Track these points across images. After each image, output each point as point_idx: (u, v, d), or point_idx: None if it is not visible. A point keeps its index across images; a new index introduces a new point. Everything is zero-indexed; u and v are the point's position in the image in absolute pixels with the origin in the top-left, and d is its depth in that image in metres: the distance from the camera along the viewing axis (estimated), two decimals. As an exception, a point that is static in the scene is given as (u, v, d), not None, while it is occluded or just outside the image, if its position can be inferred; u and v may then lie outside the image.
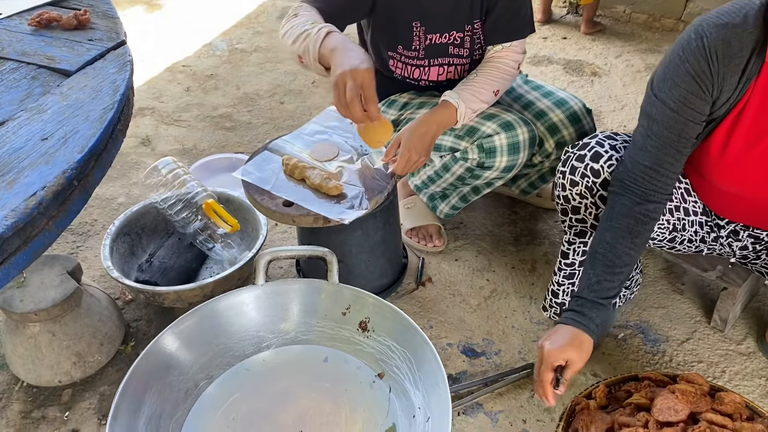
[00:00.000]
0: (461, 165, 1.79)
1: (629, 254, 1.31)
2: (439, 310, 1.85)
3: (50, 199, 1.05)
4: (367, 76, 1.29)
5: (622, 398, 1.37)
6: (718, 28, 1.15)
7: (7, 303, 1.55)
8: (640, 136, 1.27)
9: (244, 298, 1.31)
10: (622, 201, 1.31)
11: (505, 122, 1.70)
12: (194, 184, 1.89)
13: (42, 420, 1.59)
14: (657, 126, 1.24)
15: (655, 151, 1.26)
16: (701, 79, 1.18)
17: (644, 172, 1.28)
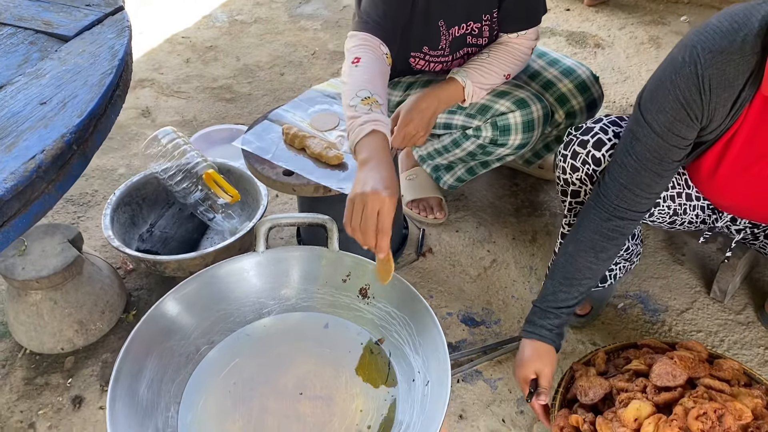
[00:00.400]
0: (473, 142, 1.77)
1: (590, 268, 1.32)
2: (439, 280, 1.86)
3: (49, 163, 1.05)
4: (387, 206, 1.14)
5: (621, 365, 1.38)
6: (713, 54, 1.07)
7: (8, 270, 1.56)
8: (622, 151, 1.23)
9: (244, 265, 1.31)
10: (592, 215, 1.29)
11: (519, 99, 1.68)
12: (194, 155, 1.88)
13: (45, 386, 1.60)
14: (639, 146, 1.19)
15: (633, 171, 1.22)
16: (690, 107, 1.13)
17: (619, 189, 1.24)
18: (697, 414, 1.13)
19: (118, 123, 2.47)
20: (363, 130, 1.27)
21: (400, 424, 1.12)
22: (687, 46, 1.11)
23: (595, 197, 1.29)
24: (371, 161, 1.22)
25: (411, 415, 1.12)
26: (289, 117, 1.75)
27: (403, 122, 1.60)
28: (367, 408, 1.16)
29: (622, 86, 2.61)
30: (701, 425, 1.12)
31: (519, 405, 1.53)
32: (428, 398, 1.11)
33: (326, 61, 2.89)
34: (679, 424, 1.14)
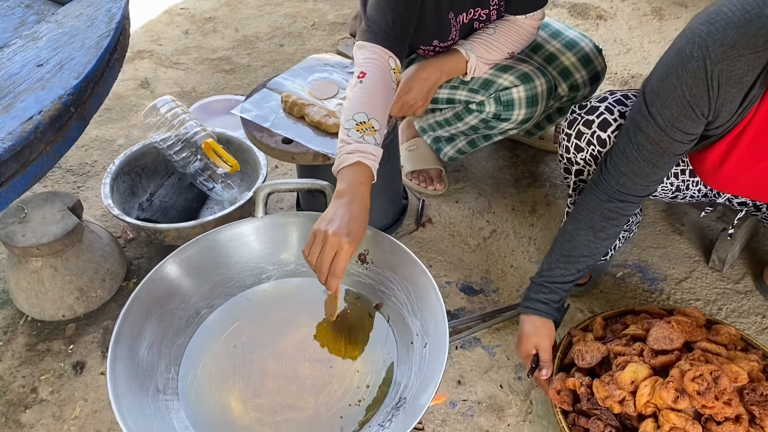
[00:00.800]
0: (476, 116, 1.75)
1: (588, 247, 1.33)
2: (438, 249, 1.86)
3: (47, 124, 1.05)
4: (344, 252, 1.15)
5: (619, 330, 1.39)
6: (724, 48, 1.03)
7: (9, 237, 1.56)
8: (624, 139, 1.22)
9: (244, 230, 1.32)
10: (592, 196, 1.30)
11: (523, 74, 1.66)
12: (193, 124, 1.88)
13: (47, 352, 1.61)
14: (642, 137, 1.18)
15: (634, 160, 1.21)
16: (697, 104, 1.10)
17: (619, 176, 1.25)
18: (693, 375, 1.14)
19: (117, 94, 2.48)
20: (348, 159, 1.25)
21: (398, 384, 1.14)
22: (695, 38, 1.05)
23: (596, 179, 1.29)
24: (346, 196, 1.20)
25: (409, 376, 1.13)
26: (288, 85, 1.74)
27: (403, 90, 1.59)
28: (366, 370, 1.17)
29: (624, 58, 2.59)
30: (697, 386, 1.13)
31: (517, 371, 1.55)
32: (426, 360, 1.11)
33: (326, 32, 2.87)
34: (675, 385, 1.15)
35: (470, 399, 1.49)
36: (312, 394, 1.13)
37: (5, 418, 1.48)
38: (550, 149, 2.15)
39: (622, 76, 2.50)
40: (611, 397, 1.21)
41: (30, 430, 1.46)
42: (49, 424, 1.47)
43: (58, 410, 1.50)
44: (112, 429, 1.46)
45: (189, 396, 1.14)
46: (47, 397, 1.52)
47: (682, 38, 1.09)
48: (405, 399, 1.09)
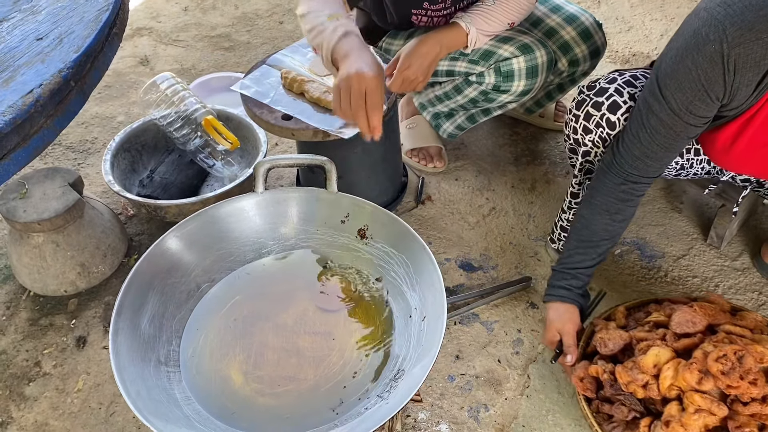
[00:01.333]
0: (475, 88, 1.75)
1: (606, 230, 1.33)
2: (438, 227, 1.87)
3: (47, 97, 1.05)
4: (373, 83, 1.19)
5: (642, 319, 1.36)
6: (742, 32, 1.01)
7: (10, 213, 1.57)
8: (636, 122, 1.22)
9: (244, 205, 1.32)
10: (605, 179, 1.30)
11: (523, 45, 1.66)
12: (193, 101, 1.88)
13: (49, 327, 1.63)
14: (655, 120, 1.17)
15: (647, 144, 1.22)
16: (712, 89, 1.09)
17: (633, 160, 1.25)
18: (717, 356, 1.12)
19: (116, 71, 2.47)
20: (335, 34, 1.27)
21: (397, 357, 1.15)
22: (711, 20, 1.03)
23: (609, 163, 1.29)
24: (351, 54, 1.23)
25: (407, 349, 1.14)
26: (287, 61, 1.74)
27: (403, 66, 1.58)
28: (365, 343, 1.19)
29: (626, 36, 2.58)
30: (721, 366, 1.11)
31: (514, 346, 1.56)
32: (424, 333, 1.13)
33: (326, 10, 2.84)
34: (698, 366, 1.13)
35: (468, 373, 1.51)
36: (312, 366, 1.15)
37: (9, 391, 1.50)
38: (550, 127, 2.15)
39: (623, 54, 2.49)
40: (634, 381, 1.19)
41: (34, 402, 1.48)
42: (52, 396, 1.49)
43: (62, 383, 1.52)
44: (115, 402, 1.48)
45: (190, 368, 1.15)
46: (50, 370, 1.54)
47: (697, 19, 1.07)
48: (403, 371, 1.10)
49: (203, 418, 1.07)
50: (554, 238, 1.70)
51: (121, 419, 1.45)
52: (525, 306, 1.65)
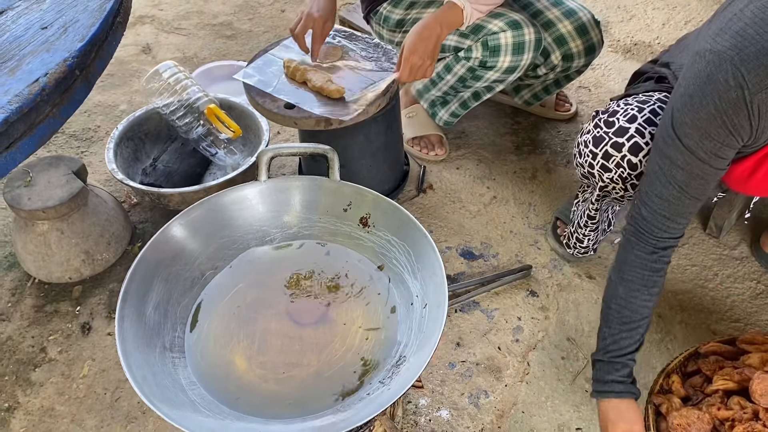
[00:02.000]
0: (463, 65, 1.77)
1: (646, 306, 1.23)
2: (439, 215, 1.88)
3: (53, 86, 1.06)
4: (318, 22, 1.65)
5: (699, 384, 1.29)
6: (760, 78, 0.98)
7: (15, 201, 1.58)
8: (659, 182, 1.15)
9: (247, 193, 1.33)
10: (637, 251, 1.21)
11: (513, 21, 1.67)
12: (195, 89, 1.88)
13: (54, 314, 1.65)
14: (681, 174, 1.11)
15: (676, 201, 1.14)
16: (739, 133, 1.05)
17: (662, 222, 1.17)
18: None
19: (118, 59, 2.47)
20: None
21: (399, 344, 1.16)
22: (726, 65, 1.01)
23: (635, 234, 1.21)
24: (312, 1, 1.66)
25: (409, 336, 1.16)
26: (290, 51, 1.74)
27: (408, 53, 1.59)
28: (367, 330, 1.20)
29: (627, 25, 2.58)
30: None
31: (514, 334, 1.58)
32: (426, 320, 1.14)
33: (328, -2, 2.84)
34: None
35: (468, 360, 1.53)
36: (314, 352, 1.16)
37: (16, 377, 1.52)
38: (551, 116, 2.16)
39: (624, 43, 2.49)
40: None
41: (40, 388, 1.50)
42: (58, 382, 1.51)
43: (67, 369, 1.54)
44: (120, 387, 1.50)
45: (195, 354, 1.17)
46: (56, 356, 1.56)
47: (705, 62, 1.04)
48: (405, 357, 1.12)
49: (208, 403, 1.09)
50: (570, 245, 1.68)
51: (126, 404, 1.47)
52: (525, 294, 1.66)
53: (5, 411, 1.46)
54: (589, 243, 1.64)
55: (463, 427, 1.41)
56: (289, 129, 2.16)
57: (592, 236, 1.62)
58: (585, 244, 1.65)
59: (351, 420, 1.02)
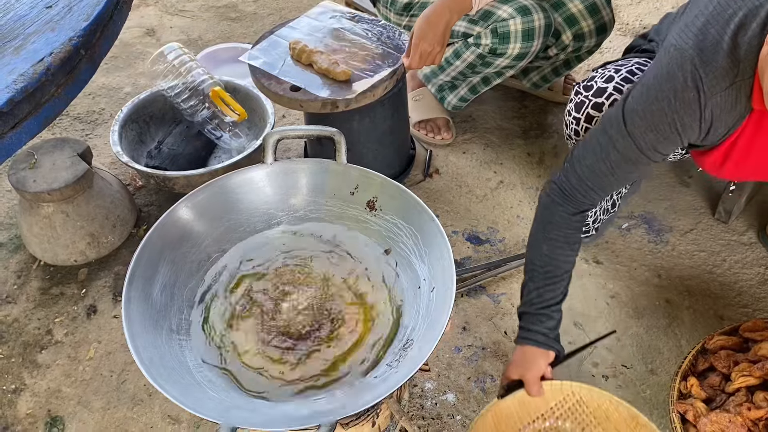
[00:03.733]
0: (473, 51, 1.75)
1: (569, 261, 1.29)
2: (445, 200, 1.87)
3: (58, 66, 1.05)
4: None
5: (718, 384, 1.27)
6: (716, 81, 1.00)
7: (20, 183, 1.58)
8: (594, 155, 1.18)
9: (254, 176, 1.32)
10: (560, 212, 1.26)
11: (522, 6, 1.65)
12: (200, 72, 1.87)
13: (60, 296, 1.65)
14: (616, 156, 1.15)
15: (603, 176, 1.19)
16: (686, 133, 1.08)
17: (586, 191, 1.22)
18: None
19: (122, 41, 2.46)
20: None
21: (406, 327, 1.16)
22: (686, 63, 1.02)
23: (560, 196, 1.26)
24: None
25: (416, 319, 1.15)
26: (296, 32, 1.73)
27: (418, 39, 1.57)
28: (375, 313, 1.20)
29: (636, 8, 2.55)
30: None
31: (521, 318, 1.57)
32: (433, 303, 1.13)
33: (333, -20, 2.81)
34: None
35: (475, 345, 1.52)
36: (322, 335, 1.16)
37: (22, 359, 1.53)
38: (559, 100, 2.14)
39: (633, 26, 2.46)
40: None
41: (47, 370, 1.51)
42: (65, 364, 1.52)
43: (73, 351, 1.54)
44: (126, 370, 1.50)
45: (202, 336, 1.17)
46: (62, 339, 1.56)
47: (668, 56, 1.05)
48: (412, 341, 1.11)
49: (215, 385, 1.08)
50: None
51: (132, 386, 1.47)
52: (532, 279, 1.65)
53: (12, 393, 1.47)
54: (588, 219, 1.62)
55: (470, 410, 1.41)
56: (294, 112, 2.15)
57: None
58: None
59: (358, 402, 1.01)
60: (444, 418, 1.40)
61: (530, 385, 1.27)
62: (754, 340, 1.32)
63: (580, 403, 1.31)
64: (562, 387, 1.31)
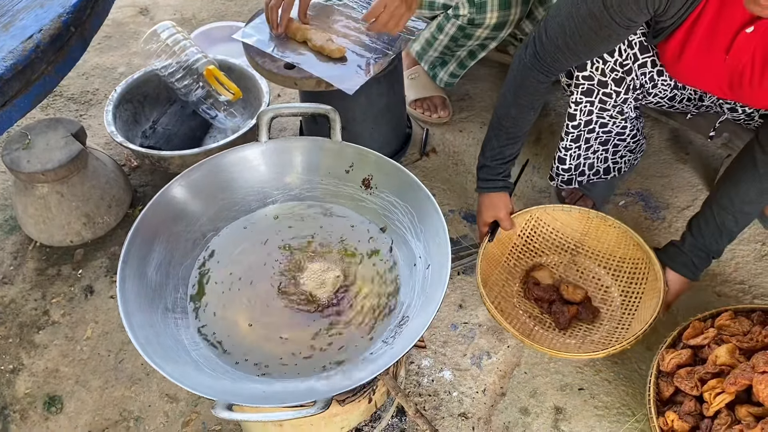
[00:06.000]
0: (453, 24, 1.76)
1: (530, 122, 1.46)
2: (442, 179, 1.86)
3: (47, 43, 1.04)
4: None
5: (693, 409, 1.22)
6: None
7: (14, 163, 1.57)
8: (565, 12, 1.24)
9: (248, 154, 1.31)
10: (532, 76, 1.35)
11: None
12: (194, 50, 1.85)
13: (57, 276, 1.65)
14: (585, 10, 1.20)
15: (571, 34, 1.25)
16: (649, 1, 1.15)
17: (555, 51, 1.29)
18: None
19: (115, 21, 2.43)
20: None
21: (402, 305, 1.16)
22: None
23: (532, 58, 1.33)
24: None
25: (412, 296, 1.15)
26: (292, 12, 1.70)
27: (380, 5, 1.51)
28: (371, 291, 1.20)
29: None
30: None
31: (517, 296, 1.58)
32: (428, 280, 1.13)
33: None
34: None
35: (471, 322, 1.53)
36: (317, 313, 1.16)
37: (19, 339, 1.53)
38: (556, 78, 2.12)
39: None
40: None
41: (44, 350, 1.51)
42: (62, 344, 1.52)
43: (71, 331, 1.54)
44: (123, 349, 1.51)
45: (197, 314, 1.17)
46: (59, 319, 1.56)
47: None
48: (408, 317, 1.12)
49: (211, 363, 1.09)
50: (553, 175, 1.67)
51: (130, 366, 1.47)
52: (528, 256, 1.66)
53: (10, 372, 1.47)
54: (571, 164, 1.61)
55: (466, 387, 1.42)
56: (289, 92, 2.13)
57: (573, 152, 1.59)
58: (566, 165, 1.61)
59: (354, 379, 1.02)
60: (440, 395, 1.41)
61: (505, 222, 1.51)
62: (700, 346, 1.28)
63: (538, 221, 1.59)
64: (522, 215, 1.57)
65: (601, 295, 1.53)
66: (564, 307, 1.47)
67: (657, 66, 1.40)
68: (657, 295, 1.39)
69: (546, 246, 1.60)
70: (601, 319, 1.48)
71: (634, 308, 1.46)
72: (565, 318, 1.45)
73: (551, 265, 1.59)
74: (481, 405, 1.39)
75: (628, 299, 1.49)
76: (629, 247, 1.51)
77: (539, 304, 1.50)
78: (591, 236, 1.57)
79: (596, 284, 1.55)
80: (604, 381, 1.42)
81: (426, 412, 1.38)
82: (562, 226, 1.59)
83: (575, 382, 1.42)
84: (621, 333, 1.42)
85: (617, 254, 1.54)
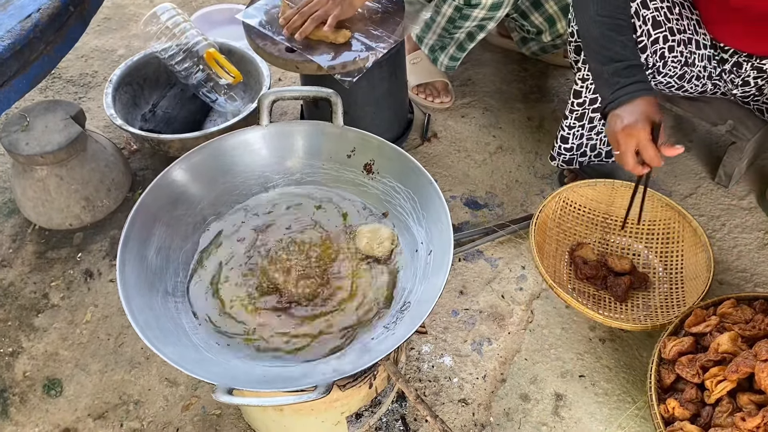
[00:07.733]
0: (450, 4, 1.75)
1: None
2: (443, 164, 1.85)
3: (46, 23, 1.02)
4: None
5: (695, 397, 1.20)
6: None
7: (13, 146, 1.56)
8: None
9: (249, 138, 1.30)
10: None
11: None
12: (194, 33, 1.83)
13: (56, 260, 1.64)
14: None
15: None
16: None
17: None
18: None
19: (115, 3, 2.41)
20: None
21: (403, 290, 1.16)
22: None
23: None
24: None
25: (413, 282, 1.15)
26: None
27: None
28: (372, 275, 1.19)
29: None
30: None
31: (518, 283, 1.57)
32: (430, 266, 1.13)
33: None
34: None
35: (472, 308, 1.52)
36: (319, 297, 1.16)
37: (19, 322, 1.53)
38: (560, 63, 2.11)
39: None
40: None
41: (43, 333, 1.51)
42: (62, 328, 1.51)
43: (70, 315, 1.54)
44: (123, 333, 1.50)
45: (198, 298, 1.16)
46: (59, 302, 1.56)
47: None
48: (409, 303, 1.11)
49: (211, 347, 1.08)
50: (554, 155, 1.67)
51: (129, 350, 1.47)
52: (530, 243, 1.65)
53: (9, 355, 1.47)
54: (574, 143, 1.60)
55: (466, 373, 1.42)
56: (290, 75, 2.11)
57: (577, 131, 1.58)
58: (569, 144, 1.60)
59: (355, 364, 1.01)
60: (441, 381, 1.41)
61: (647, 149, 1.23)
62: (702, 334, 1.27)
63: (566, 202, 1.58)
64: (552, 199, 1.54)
65: (643, 262, 1.55)
66: (618, 279, 1.47)
67: (669, 42, 1.38)
68: (702, 249, 1.43)
69: (579, 224, 1.59)
70: (652, 284, 1.50)
71: (680, 267, 1.49)
72: (622, 289, 1.45)
73: (589, 242, 1.59)
74: (482, 391, 1.39)
75: (669, 260, 1.52)
76: (658, 209, 1.53)
77: (592, 282, 1.50)
78: (618, 206, 1.57)
79: (633, 252, 1.57)
80: (605, 368, 1.42)
81: (426, 397, 1.38)
82: (590, 201, 1.59)
83: (576, 369, 1.42)
84: (679, 294, 1.45)
85: (647, 218, 1.54)
